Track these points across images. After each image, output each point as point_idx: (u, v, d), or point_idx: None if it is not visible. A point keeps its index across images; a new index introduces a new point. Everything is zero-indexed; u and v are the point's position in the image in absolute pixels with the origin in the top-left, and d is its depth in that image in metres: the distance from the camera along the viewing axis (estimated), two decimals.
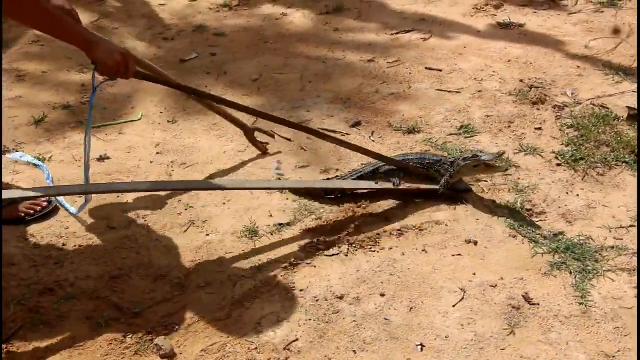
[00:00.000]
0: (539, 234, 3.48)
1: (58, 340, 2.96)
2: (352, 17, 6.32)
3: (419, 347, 2.88)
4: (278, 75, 5.29)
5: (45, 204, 3.75)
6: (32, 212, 3.69)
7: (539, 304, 3.07)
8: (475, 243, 3.44)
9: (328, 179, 3.93)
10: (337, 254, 3.40)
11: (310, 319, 3.03)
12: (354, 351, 2.87)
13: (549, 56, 5.38)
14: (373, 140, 4.36)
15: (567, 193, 3.79)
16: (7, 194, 3.24)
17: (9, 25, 6.29)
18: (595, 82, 4.95)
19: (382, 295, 3.14)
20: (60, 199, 3.80)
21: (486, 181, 3.89)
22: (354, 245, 3.45)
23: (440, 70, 5.21)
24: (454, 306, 3.08)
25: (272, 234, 3.56)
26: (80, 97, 5.03)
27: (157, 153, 4.31)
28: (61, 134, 4.53)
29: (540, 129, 4.41)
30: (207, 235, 3.57)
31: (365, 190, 3.80)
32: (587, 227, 3.53)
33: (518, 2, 6.48)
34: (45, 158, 4.24)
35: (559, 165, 4.03)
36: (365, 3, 6.65)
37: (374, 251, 3.41)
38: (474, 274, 3.25)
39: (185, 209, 3.77)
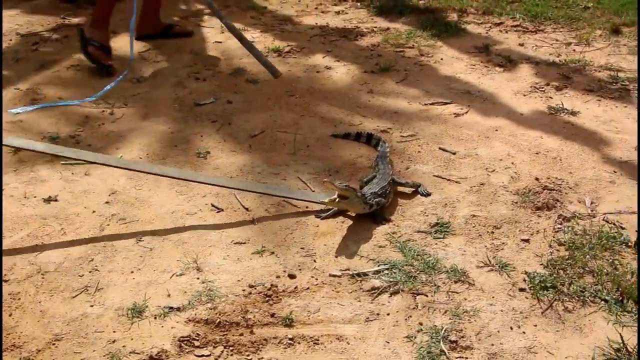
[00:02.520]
0: None
1: None
2: (396, 80, 5.85)
3: None
4: (281, 133, 4.92)
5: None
6: None
7: None
8: None
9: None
10: (208, 356, 2.98)
11: None
12: None
13: (586, 154, 4.66)
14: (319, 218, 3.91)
15: (512, 328, 3.16)
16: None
17: (58, 49, 6.37)
18: (625, 193, 4.21)
19: None
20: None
21: (426, 296, 3.34)
22: (232, 348, 3.03)
23: (454, 154, 4.64)
24: None
25: (155, 318, 3.19)
26: (73, 130, 4.92)
27: (106, 202, 4.07)
28: (29, 168, 4.39)
29: (527, 241, 3.77)
30: (91, 306, 3.26)
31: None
32: None
33: (585, 85, 5.75)
34: None
35: (521, 290, 3.40)
36: (418, 65, 6.16)
37: None
38: None
39: (90, 271, 3.49)
